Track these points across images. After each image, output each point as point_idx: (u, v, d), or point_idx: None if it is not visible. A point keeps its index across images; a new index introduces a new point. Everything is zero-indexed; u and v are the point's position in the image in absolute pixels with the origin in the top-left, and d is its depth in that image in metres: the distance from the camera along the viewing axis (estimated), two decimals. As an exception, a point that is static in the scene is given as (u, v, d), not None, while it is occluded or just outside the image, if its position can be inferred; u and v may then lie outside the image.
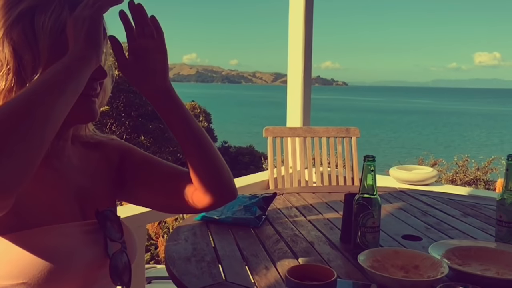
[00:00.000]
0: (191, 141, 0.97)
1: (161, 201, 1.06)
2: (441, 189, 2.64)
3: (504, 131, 37.98)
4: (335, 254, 1.42)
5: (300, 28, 3.01)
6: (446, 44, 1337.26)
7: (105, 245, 0.90)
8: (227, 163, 1.04)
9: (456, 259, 1.33)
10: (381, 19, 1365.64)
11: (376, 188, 1.38)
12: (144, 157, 1.06)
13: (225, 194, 1.02)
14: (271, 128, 2.84)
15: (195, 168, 0.98)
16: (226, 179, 1.01)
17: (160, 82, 0.94)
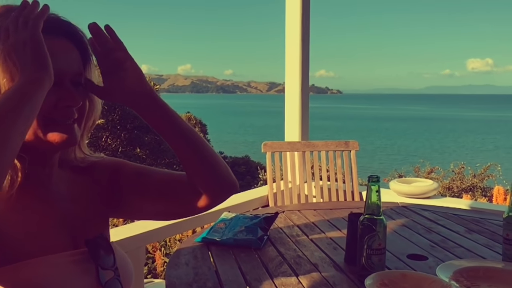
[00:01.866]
0: (183, 140, 0.96)
1: (162, 208, 1.04)
2: (442, 202, 2.62)
3: (498, 136, 38.16)
4: (341, 277, 1.38)
5: (297, 38, 2.99)
6: (439, 51, 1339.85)
7: (97, 274, 0.88)
8: None
9: (464, 280, 1.30)
10: (374, 27, 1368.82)
11: (381, 208, 1.35)
12: (137, 168, 1.05)
13: (226, 188, 1.01)
14: (269, 143, 2.81)
15: (191, 167, 0.97)
16: (224, 173, 1.00)
17: (140, 88, 0.91)
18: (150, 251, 6.76)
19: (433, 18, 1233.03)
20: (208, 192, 0.98)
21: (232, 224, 1.69)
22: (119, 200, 1.02)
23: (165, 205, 1.03)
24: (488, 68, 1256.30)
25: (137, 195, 1.02)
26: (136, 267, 1.97)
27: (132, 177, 1.03)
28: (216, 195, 1.00)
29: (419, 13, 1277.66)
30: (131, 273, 1.01)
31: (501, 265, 1.40)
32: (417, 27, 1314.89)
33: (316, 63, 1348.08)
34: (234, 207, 2.52)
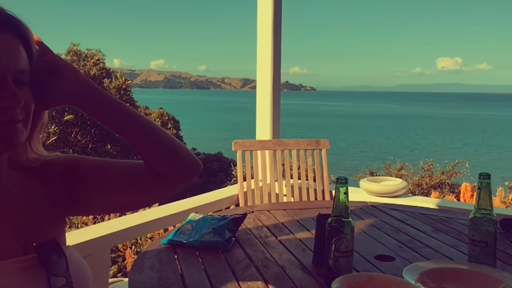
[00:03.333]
0: (132, 127, 0.94)
1: (125, 199, 1.01)
2: (411, 201, 2.64)
3: (466, 134, 39.10)
4: (308, 279, 1.37)
5: (269, 36, 2.96)
6: (410, 49, 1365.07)
7: (48, 281, 0.83)
8: None
9: (430, 282, 1.30)
10: (348, 25, 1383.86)
11: (349, 210, 1.33)
12: (95, 162, 1.01)
13: (187, 169, 0.99)
14: (240, 141, 2.78)
15: (146, 153, 0.96)
16: (183, 154, 0.98)
17: (76, 78, 0.90)
18: (120, 249, 6.66)
19: (404, 17, 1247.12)
20: (170, 176, 0.96)
21: (199, 226, 1.65)
22: (76, 197, 0.98)
23: (127, 195, 1.00)
24: (457, 67, 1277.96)
25: (96, 190, 0.98)
26: (101, 270, 1.92)
27: (90, 171, 0.99)
28: (178, 178, 0.98)
29: (391, 13, 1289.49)
30: (87, 278, 0.96)
31: (467, 266, 1.40)
32: (389, 26, 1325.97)
33: (290, 60, 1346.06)
34: (204, 207, 2.49)
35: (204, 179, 15.55)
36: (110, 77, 12.84)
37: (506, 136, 37.67)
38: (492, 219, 1.41)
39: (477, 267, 1.38)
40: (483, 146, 31.58)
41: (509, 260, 1.52)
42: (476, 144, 32.58)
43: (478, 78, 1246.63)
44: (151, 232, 2.78)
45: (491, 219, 1.41)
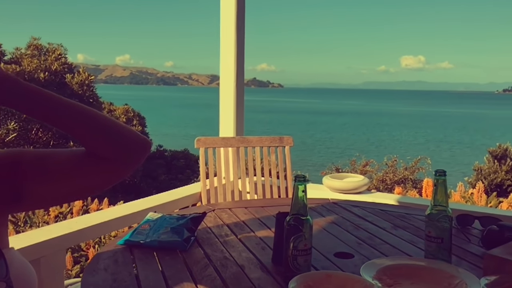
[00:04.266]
0: (66, 116, 0.91)
1: (70, 187, 0.97)
2: (372, 198, 2.67)
3: (429, 130, 40.10)
4: (267, 279, 1.35)
5: (232, 32, 2.93)
6: (376, 47, 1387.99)
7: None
8: (163, 167, 0.98)
9: (387, 279, 1.30)
10: (315, 23, 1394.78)
11: (307, 208, 1.33)
12: (37, 154, 0.97)
13: (133, 149, 0.96)
14: (203, 138, 2.74)
15: (86, 139, 0.93)
16: (125, 135, 0.96)
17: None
18: (84, 248, 6.52)
19: (370, 15, 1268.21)
20: (113, 158, 0.94)
21: (157, 226, 1.62)
22: (19, 193, 0.93)
23: (71, 183, 0.97)
24: (420, 65, 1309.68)
25: (38, 181, 0.94)
26: (56, 272, 1.85)
27: (31, 163, 0.95)
28: (123, 159, 0.95)
29: (357, 10, 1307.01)
30: (31, 283, 0.92)
31: (423, 262, 1.42)
32: (355, 24, 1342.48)
33: (258, 56, 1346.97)
34: (165, 206, 2.45)
35: (171, 176, 15.40)
36: (73, 73, 12.52)
37: (466, 132, 38.89)
38: (447, 215, 1.43)
39: (433, 263, 1.39)
40: (444, 142, 32.49)
41: (464, 256, 1.55)
42: (438, 140, 33.48)
43: (440, 76, 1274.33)
44: (109, 232, 2.72)
45: (447, 215, 1.43)
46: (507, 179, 9.28)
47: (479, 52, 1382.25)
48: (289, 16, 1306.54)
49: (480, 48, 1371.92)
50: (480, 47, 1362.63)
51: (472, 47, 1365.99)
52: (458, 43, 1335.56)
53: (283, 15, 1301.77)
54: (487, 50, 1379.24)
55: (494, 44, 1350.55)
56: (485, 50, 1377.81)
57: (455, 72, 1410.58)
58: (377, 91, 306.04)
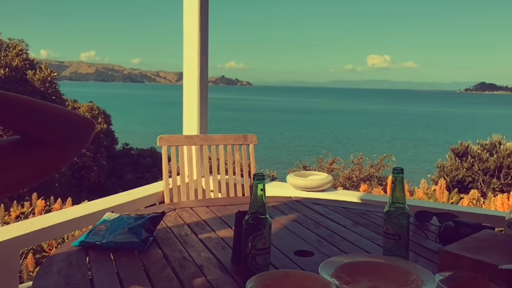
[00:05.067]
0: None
1: (10, 179, 0.91)
2: (335, 195, 2.69)
3: (395, 128, 40.92)
4: (225, 278, 1.33)
5: (195, 29, 2.89)
6: (343, 46, 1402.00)
7: None
8: (129, 166, 0.94)
9: (345, 276, 1.31)
10: (283, 20, 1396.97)
11: (266, 207, 1.31)
12: None
13: (68, 129, 0.92)
14: (165, 136, 2.70)
15: (19, 126, 0.88)
16: (58, 115, 0.91)
17: None
18: (46, 249, 6.34)
19: (337, 14, 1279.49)
20: (53, 142, 0.89)
21: (114, 226, 1.57)
22: None
23: (11, 174, 0.91)
24: (386, 64, 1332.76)
25: None
26: (9, 275, 1.78)
27: None
28: (64, 142, 0.91)
29: (325, 9, 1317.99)
30: None
31: (381, 259, 1.43)
32: (323, 22, 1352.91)
33: (226, 54, 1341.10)
34: (126, 205, 2.40)
35: (137, 175, 15.18)
36: (34, 69, 12.17)
37: (430, 130, 39.87)
38: (405, 212, 1.44)
39: (390, 260, 1.40)
40: (409, 140, 33.22)
41: (422, 252, 1.57)
42: (403, 138, 34.19)
43: (405, 75, 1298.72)
44: (66, 233, 2.64)
45: (404, 213, 1.44)
46: (468, 175, 9.56)
47: (442, 52, 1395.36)
48: (257, 14, 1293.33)
49: (443, 48, 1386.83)
50: (443, 47, 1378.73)
51: (436, 47, 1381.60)
52: (423, 43, 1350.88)
53: (251, 12, 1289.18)
54: (450, 50, 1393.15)
55: (456, 44, 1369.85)
56: (448, 50, 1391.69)
57: (419, 71, 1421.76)
58: (344, 89, 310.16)
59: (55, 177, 11.63)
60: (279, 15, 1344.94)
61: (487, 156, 9.55)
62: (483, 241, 1.36)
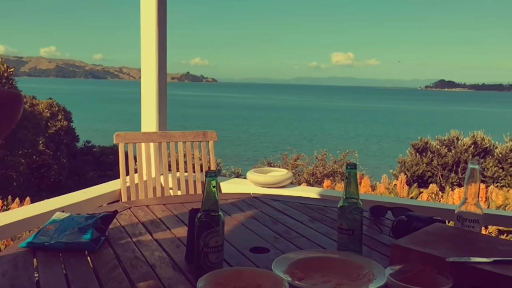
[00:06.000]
0: None
1: None
2: (295, 192, 2.70)
3: (358, 125, 41.61)
4: (178, 277, 1.31)
5: (153, 24, 2.84)
6: (307, 43, 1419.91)
7: None
8: (91, 164, 0.89)
9: (299, 272, 1.31)
10: (245, 18, 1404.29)
11: (219, 204, 1.30)
12: None
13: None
14: (122, 133, 2.64)
15: None
16: None
17: None
18: (1, 248, 6.13)
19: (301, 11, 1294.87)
20: None
21: (63, 226, 1.52)
22: None
23: None
24: (350, 61, 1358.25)
25: None
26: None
27: None
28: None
29: (289, 6, 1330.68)
30: None
31: (335, 255, 1.43)
32: (286, 19, 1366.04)
33: (191, 50, 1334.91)
34: (80, 204, 2.33)
35: (100, 173, 14.85)
36: (-11, 64, 11.70)
37: (392, 126, 40.74)
38: (358, 207, 1.45)
39: (344, 255, 1.41)
40: (373, 136, 33.84)
41: (375, 246, 1.59)
42: (367, 134, 34.80)
43: (368, 73, 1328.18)
44: (16, 234, 2.55)
45: (358, 208, 1.45)
46: (428, 170, 9.82)
47: (404, 50, 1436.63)
48: (222, 10, 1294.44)
49: (405, 46, 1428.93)
50: (405, 45, 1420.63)
51: (398, 45, 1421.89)
52: (385, 41, 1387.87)
53: (215, 8, 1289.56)
54: (411, 48, 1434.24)
55: (417, 42, 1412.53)
56: (409, 48, 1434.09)
57: (382, 69, 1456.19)
58: (309, 86, 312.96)
59: (13, 176, 11.26)
60: (244, 12, 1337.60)
61: (446, 152, 9.84)
62: (433, 234, 1.38)
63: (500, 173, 9.29)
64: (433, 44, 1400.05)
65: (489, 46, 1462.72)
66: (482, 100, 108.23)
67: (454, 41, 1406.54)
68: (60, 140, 13.88)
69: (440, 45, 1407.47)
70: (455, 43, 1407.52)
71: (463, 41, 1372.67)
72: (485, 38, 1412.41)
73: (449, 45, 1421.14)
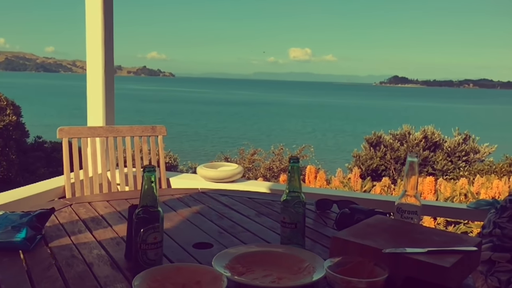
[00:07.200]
0: None
1: None
2: (245, 186, 2.69)
3: (316, 120, 42.14)
4: (115, 275, 1.27)
5: (99, 15, 2.75)
6: (265, 39, 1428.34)
7: None
8: (42, 160, 0.84)
9: (240, 267, 1.30)
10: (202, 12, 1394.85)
11: (158, 199, 1.27)
12: None
13: None
14: (66, 128, 2.55)
15: None
16: None
17: None
18: None
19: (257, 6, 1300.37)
20: None
21: (-5, 225, 1.45)
22: None
23: None
24: (307, 57, 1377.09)
25: None
26: None
27: None
28: None
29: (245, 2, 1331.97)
30: None
31: (278, 249, 1.43)
32: (243, 14, 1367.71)
33: (147, 45, 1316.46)
34: (22, 202, 2.24)
35: (51, 169, 14.37)
36: None
37: (348, 122, 41.52)
38: (301, 201, 1.46)
39: (286, 249, 1.42)
40: (329, 131, 34.36)
41: (319, 239, 1.60)
42: (324, 129, 35.30)
43: (325, 68, 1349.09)
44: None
45: (300, 201, 1.46)
46: (381, 164, 10.08)
47: (359, 46, 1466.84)
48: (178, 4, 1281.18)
49: (360, 43, 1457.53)
50: (360, 42, 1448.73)
51: (353, 42, 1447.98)
52: (341, 38, 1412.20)
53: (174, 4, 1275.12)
54: (366, 45, 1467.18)
55: (372, 38, 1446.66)
56: (364, 44, 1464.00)
57: (338, 64, 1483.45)
58: (267, 81, 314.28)
59: (-43, 174, 10.74)
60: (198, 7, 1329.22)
61: (398, 146, 10.12)
62: (373, 226, 1.40)
63: (449, 166, 9.65)
64: (387, 41, 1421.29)
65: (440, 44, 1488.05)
66: (433, 96, 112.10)
67: (407, 39, 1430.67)
68: (8, 135, 13.34)
69: (394, 42, 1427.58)
70: (409, 41, 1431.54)
71: (416, 38, 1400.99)
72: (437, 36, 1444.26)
73: (403, 43, 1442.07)
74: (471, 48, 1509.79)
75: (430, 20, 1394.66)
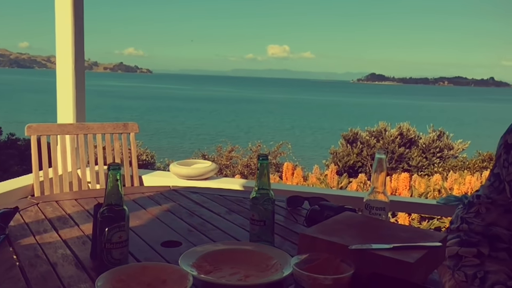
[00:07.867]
0: None
1: None
2: (218, 184, 2.68)
3: (294, 117, 42.29)
4: (80, 276, 1.25)
5: (68, 8, 2.70)
6: (244, 35, 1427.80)
7: None
8: (15, 158, 0.81)
9: (207, 265, 1.29)
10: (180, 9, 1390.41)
11: (123, 198, 1.25)
12: None
13: None
14: (34, 125, 2.50)
15: None
16: None
17: None
18: None
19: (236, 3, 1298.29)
20: None
21: (-45, 225, 1.40)
22: None
23: None
24: (286, 54, 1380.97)
25: None
26: None
27: None
28: None
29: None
30: None
31: (247, 246, 1.43)
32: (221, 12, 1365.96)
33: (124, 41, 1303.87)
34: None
35: (25, 167, 14.10)
36: None
37: (326, 118, 41.80)
38: (270, 198, 1.46)
39: (255, 246, 1.41)
40: (308, 128, 34.53)
41: (289, 236, 1.60)
42: (302, 126, 35.45)
43: (303, 65, 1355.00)
44: None
45: (269, 198, 1.46)
46: (358, 161, 10.17)
47: (336, 43, 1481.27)
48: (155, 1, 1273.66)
49: (338, 40, 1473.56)
50: (338, 39, 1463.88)
51: (331, 39, 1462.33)
52: (319, 35, 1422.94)
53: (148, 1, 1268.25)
54: (344, 42, 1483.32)
55: (350, 36, 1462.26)
56: (342, 42, 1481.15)
57: (316, 62, 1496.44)
58: (246, 78, 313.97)
59: None
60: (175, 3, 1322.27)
61: (374, 142, 10.23)
62: (341, 222, 1.41)
63: (423, 163, 9.80)
64: (365, 38, 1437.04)
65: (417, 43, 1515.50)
66: (409, 93, 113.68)
67: (385, 37, 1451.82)
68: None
69: (371, 40, 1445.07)
70: (386, 39, 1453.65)
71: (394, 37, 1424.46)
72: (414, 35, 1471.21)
73: (380, 41, 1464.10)
74: (447, 47, 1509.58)
75: (407, 20, 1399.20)
